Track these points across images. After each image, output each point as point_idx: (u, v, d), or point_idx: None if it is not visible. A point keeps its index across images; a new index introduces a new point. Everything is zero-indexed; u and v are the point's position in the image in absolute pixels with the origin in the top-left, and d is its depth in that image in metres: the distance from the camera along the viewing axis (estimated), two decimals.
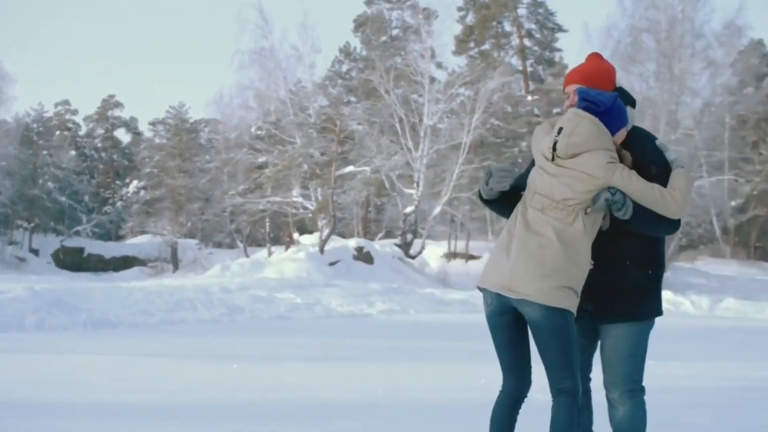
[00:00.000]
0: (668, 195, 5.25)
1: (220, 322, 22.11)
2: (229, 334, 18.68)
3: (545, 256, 5.27)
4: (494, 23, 68.37)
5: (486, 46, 68.63)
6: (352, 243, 49.30)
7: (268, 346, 16.30)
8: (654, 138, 5.59)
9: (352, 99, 64.16)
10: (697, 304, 43.33)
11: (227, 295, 27.37)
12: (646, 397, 5.66)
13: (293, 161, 53.63)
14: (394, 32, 68.92)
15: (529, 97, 59.46)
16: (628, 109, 5.54)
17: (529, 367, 5.63)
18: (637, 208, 5.26)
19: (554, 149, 5.35)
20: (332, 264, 45.03)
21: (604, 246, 5.45)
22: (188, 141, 76.89)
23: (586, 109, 5.37)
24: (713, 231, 64.09)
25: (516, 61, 68.18)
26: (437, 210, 53.24)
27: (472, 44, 68.82)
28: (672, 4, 59.60)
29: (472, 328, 23.73)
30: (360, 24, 69.76)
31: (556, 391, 5.36)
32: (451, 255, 56.43)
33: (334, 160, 51.42)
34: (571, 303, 5.27)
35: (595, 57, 5.75)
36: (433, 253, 56.23)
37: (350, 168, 53.71)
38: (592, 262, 5.39)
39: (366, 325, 23.09)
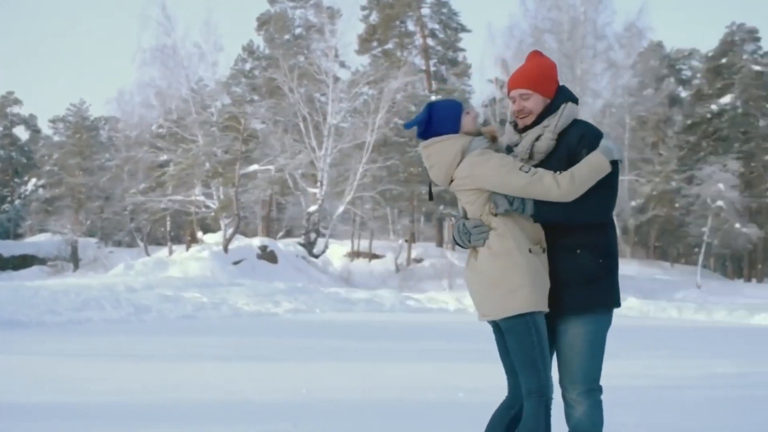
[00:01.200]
0: (546, 179, 5.19)
1: (128, 322, 21.93)
2: (140, 334, 18.50)
3: (484, 272, 5.39)
4: (398, 23, 68.54)
5: (389, 46, 68.78)
6: (256, 242, 49.15)
7: (184, 346, 16.18)
8: (591, 129, 5.48)
9: (256, 98, 63.89)
10: None
11: (133, 294, 27.11)
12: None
13: (196, 160, 53.26)
14: (298, 31, 68.84)
15: (433, 97, 59.66)
16: (570, 104, 5.54)
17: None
18: (540, 202, 5.30)
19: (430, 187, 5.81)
20: (236, 263, 44.84)
21: (555, 235, 5.42)
22: (88, 139, 76.03)
23: (420, 136, 5.56)
24: (627, 230, 65.10)
25: (419, 61, 68.47)
26: (340, 209, 53.29)
27: (375, 44, 68.94)
28: (574, 6, 60.42)
29: (378, 327, 23.95)
30: (263, 22, 69.49)
31: (526, 392, 5.37)
32: (354, 254, 56.60)
33: (238, 158, 51.19)
34: (526, 302, 5.27)
35: (533, 56, 5.74)
36: (336, 252, 56.37)
37: (254, 167, 53.57)
38: (544, 246, 5.39)
39: (275, 325, 23.05)
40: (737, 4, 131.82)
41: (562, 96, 5.60)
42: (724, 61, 73.54)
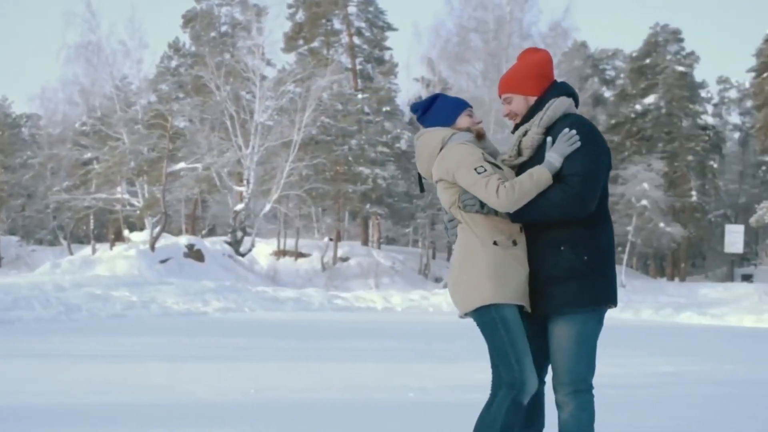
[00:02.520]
0: (490, 186, 5.11)
1: (59, 321, 21.78)
2: (74, 334, 18.29)
3: (452, 267, 5.42)
4: (324, 21, 68.52)
5: (316, 44, 68.72)
6: (183, 240, 48.84)
7: (122, 345, 16.04)
8: (579, 121, 5.34)
9: (182, 95, 63.47)
10: None
11: (62, 293, 26.82)
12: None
13: (122, 158, 52.85)
14: (224, 28, 68.47)
15: (360, 95, 59.82)
16: (561, 99, 5.41)
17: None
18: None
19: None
20: (163, 262, 44.57)
21: (539, 231, 5.31)
22: (10, 136, 74.88)
23: (418, 120, 5.65)
24: None
25: (346, 59, 68.49)
26: (267, 207, 53.15)
27: (301, 42, 68.86)
28: (500, 5, 60.95)
29: (314, 326, 24.01)
30: (189, 20, 69.04)
31: (503, 382, 5.27)
32: (281, 253, 56.50)
33: (164, 156, 50.87)
34: (487, 295, 5.20)
35: (522, 55, 5.67)
36: (262, 250, 56.25)
37: (181, 165, 53.23)
38: (516, 239, 5.28)
39: (207, 324, 23.03)
40: (661, 5, 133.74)
41: (554, 91, 5.50)
42: (647, 61, 74.50)
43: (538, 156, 5.33)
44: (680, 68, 72.67)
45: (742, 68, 74.48)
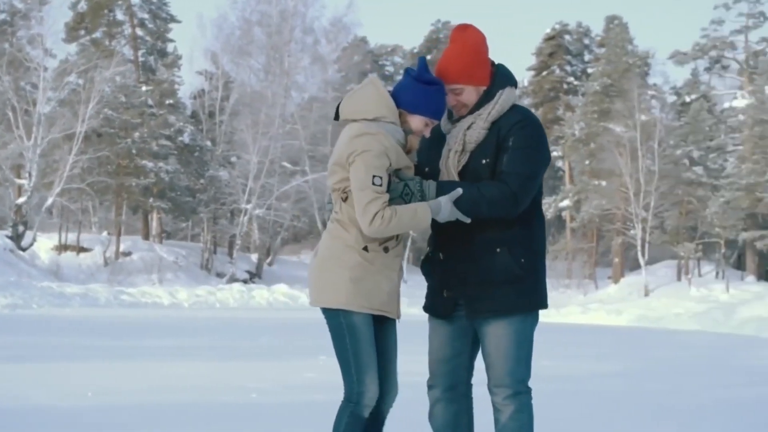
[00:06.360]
0: (371, 208, 4.88)
1: None
2: None
3: (318, 257, 5.23)
4: (107, 11, 67.33)
5: (98, 35, 67.41)
6: None
7: None
8: (527, 116, 5.22)
9: None
10: None
11: None
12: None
13: None
14: (2, 17, 66.48)
15: (144, 88, 59.20)
16: (507, 90, 5.25)
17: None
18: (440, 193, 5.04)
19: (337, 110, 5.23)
20: None
21: (474, 230, 5.12)
22: None
23: (404, 73, 5.19)
24: (315, 225, 66.19)
25: (128, 51, 67.52)
26: (49, 201, 52.00)
27: (83, 32, 67.49)
28: None
29: (110, 323, 23.99)
30: None
31: (344, 393, 5.17)
32: (62, 247, 55.46)
33: None
34: (342, 299, 5.08)
35: (458, 35, 5.30)
36: (43, 245, 55.05)
37: None
38: (388, 246, 5.10)
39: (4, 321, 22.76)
40: (442, 2, 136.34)
41: (499, 80, 5.29)
42: (428, 57, 76.16)
43: (479, 149, 5.16)
44: None
45: (522, 66, 76.79)
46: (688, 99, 65.63)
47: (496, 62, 5.41)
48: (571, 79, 76.39)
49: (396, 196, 5.00)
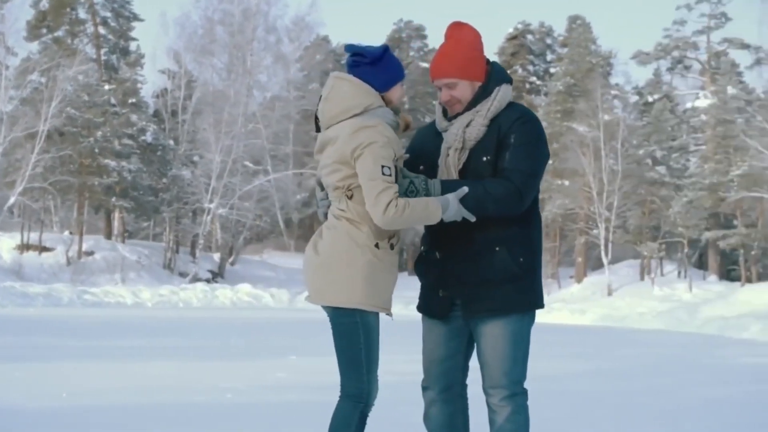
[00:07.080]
0: (383, 197, 4.77)
1: None
2: None
3: (323, 253, 5.08)
4: (69, 9, 66.82)
5: (60, 33, 66.91)
6: None
7: None
8: (526, 113, 5.18)
9: None
10: (277, 297, 44.94)
11: None
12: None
13: None
14: None
15: (106, 86, 58.80)
16: (504, 86, 5.20)
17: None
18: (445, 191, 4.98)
19: (317, 120, 5.12)
20: None
21: (472, 230, 5.04)
22: None
23: (353, 64, 5.09)
24: (277, 224, 66.05)
25: (91, 50, 67.06)
26: (11, 200, 51.67)
27: (45, 30, 66.96)
28: None
29: (76, 323, 23.83)
30: None
31: (344, 393, 5.04)
32: (24, 247, 55.01)
33: None
34: (358, 298, 4.98)
35: (453, 31, 5.29)
36: (5, 244, 54.62)
37: None
38: (394, 243, 5.05)
39: None
40: (405, 2, 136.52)
41: (495, 77, 5.24)
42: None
43: (478, 147, 5.11)
44: (424, 64, 74.59)
45: None
46: (650, 99, 66.06)
47: (490, 60, 5.34)
48: (534, 78, 76.74)
49: (401, 192, 4.91)
